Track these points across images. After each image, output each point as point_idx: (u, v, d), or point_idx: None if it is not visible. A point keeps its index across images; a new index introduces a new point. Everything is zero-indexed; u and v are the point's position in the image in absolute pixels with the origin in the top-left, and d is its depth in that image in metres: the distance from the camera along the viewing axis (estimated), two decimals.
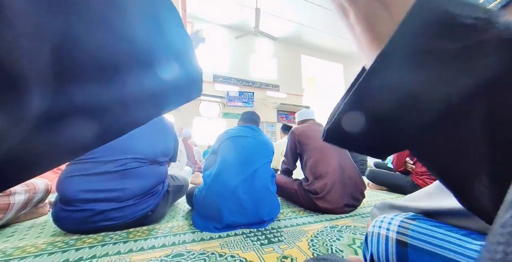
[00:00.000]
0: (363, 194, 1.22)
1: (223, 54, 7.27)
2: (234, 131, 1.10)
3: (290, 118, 7.73)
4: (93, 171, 0.82)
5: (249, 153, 0.99)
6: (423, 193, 0.35)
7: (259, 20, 4.27)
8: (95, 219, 0.80)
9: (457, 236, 0.26)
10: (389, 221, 0.33)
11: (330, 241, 0.76)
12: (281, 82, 7.93)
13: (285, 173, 1.49)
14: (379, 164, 3.29)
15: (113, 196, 0.81)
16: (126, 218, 0.84)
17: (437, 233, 0.28)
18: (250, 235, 0.82)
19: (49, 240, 0.77)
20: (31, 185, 0.93)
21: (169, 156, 1.06)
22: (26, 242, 0.75)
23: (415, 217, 0.32)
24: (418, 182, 1.61)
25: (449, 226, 0.29)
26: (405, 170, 1.75)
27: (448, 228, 0.28)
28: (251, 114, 1.25)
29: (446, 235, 0.27)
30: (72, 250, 0.69)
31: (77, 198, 0.78)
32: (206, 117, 6.91)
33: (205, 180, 0.94)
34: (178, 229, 0.89)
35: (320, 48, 8.79)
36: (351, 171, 1.20)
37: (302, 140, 1.31)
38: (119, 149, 0.87)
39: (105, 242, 0.75)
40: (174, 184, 1.11)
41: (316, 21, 6.96)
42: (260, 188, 0.93)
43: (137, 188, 0.86)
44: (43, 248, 0.70)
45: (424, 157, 0.13)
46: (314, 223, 0.98)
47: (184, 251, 0.68)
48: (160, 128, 1.02)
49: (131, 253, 0.67)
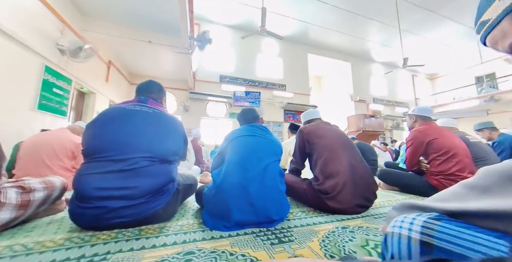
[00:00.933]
0: (375, 195, 1.19)
1: (230, 55, 7.31)
2: (241, 130, 1.10)
3: (297, 118, 7.66)
4: (106, 169, 0.84)
5: (258, 151, 0.99)
6: (449, 193, 0.33)
7: (265, 19, 4.25)
8: (108, 216, 0.82)
9: (490, 238, 0.25)
10: (411, 221, 0.32)
11: (342, 242, 0.75)
12: (287, 81, 7.87)
13: (294, 173, 1.47)
14: (390, 164, 3.20)
15: (125, 193, 0.83)
16: (138, 216, 0.86)
17: (466, 234, 0.26)
18: (260, 234, 0.81)
19: (66, 236, 0.79)
20: (49, 183, 0.97)
21: (179, 154, 1.07)
22: (45, 238, 0.78)
23: (439, 217, 0.30)
24: (433, 183, 1.54)
25: (478, 228, 0.27)
26: (419, 170, 1.69)
27: (478, 229, 0.27)
28: (251, 113, 1.23)
29: (477, 237, 0.25)
30: (88, 245, 0.71)
31: (92, 195, 0.80)
32: (213, 117, 6.98)
33: (214, 179, 0.95)
34: (188, 227, 0.90)
35: (327, 47, 8.65)
36: (362, 171, 1.17)
37: (311, 139, 1.29)
38: (131, 147, 0.89)
39: (118, 238, 0.77)
40: (183, 182, 1.12)
41: (322, 19, 6.85)
42: (270, 186, 0.92)
43: (149, 186, 0.87)
44: (61, 243, 0.73)
45: None
46: (325, 223, 0.96)
47: (195, 249, 0.68)
48: (170, 127, 1.03)
49: (143, 250, 0.68)
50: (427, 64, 8.00)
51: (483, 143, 1.97)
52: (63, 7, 3.36)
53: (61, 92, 3.37)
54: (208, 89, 6.56)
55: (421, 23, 7.07)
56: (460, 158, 1.49)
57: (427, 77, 11.47)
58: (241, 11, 6.51)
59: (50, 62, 3.09)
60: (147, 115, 0.99)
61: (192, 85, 6.34)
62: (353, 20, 6.84)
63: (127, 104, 1.01)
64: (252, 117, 1.21)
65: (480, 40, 0.35)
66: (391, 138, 8.91)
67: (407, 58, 5.92)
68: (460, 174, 1.45)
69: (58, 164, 1.60)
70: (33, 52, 2.78)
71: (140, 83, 1.16)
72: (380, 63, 10.04)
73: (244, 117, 1.22)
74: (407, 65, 5.92)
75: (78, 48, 3.30)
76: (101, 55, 4.46)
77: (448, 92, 9.55)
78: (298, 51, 8.29)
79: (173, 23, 3.72)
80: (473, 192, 0.30)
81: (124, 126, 0.92)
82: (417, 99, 10.71)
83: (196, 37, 3.92)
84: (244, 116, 1.23)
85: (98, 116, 0.95)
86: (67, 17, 3.43)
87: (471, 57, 8.99)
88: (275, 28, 6.77)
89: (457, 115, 8.95)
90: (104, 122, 0.93)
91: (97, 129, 0.92)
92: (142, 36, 4.09)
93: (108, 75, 5.00)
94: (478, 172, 0.32)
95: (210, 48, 5.22)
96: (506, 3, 0.28)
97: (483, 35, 0.33)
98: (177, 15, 3.17)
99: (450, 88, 9.53)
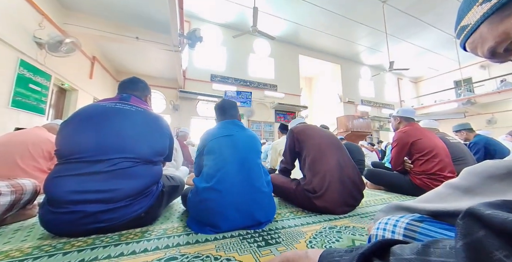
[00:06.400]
0: (362, 194, 1.21)
1: (221, 54, 7.23)
2: (217, 130, 1.01)
3: (287, 118, 7.73)
4: (83, 170, 0.78)
5: (239, 152, 0.94)
6: (433, 194, 0.33)
7: (256, 19, 4.24)
8: (85, 221, 0.76)
9: None
10: (394, 223, 0.31)
11: (329, 242, 0.74)
12: (279, 82, 7.92)
13: (283, 173, 1.47)
14: (376, 164, 3.30)
15: (104, 197, 0.78)
16: (118, 220, 0.81)
17: (448, 236, 0.26)
18: (247, 237, 0.79)
19: (35, 244, 0.73)
20: (18, 186, 0.89)
21: (163, 155, 1.03)
22: (11, 246, 0.71)
23: (421, 219, 0.30)
24: (416, 182, 1.60)
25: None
26: (403, 170, 1.74)
27: None
28: (233, 109, 1.11)
29: None
30: (60, 254, 0.66)
31: (66, 199, 0.74)
32: (204, 117, 6.86)
33: (196, 185, 0.90)
34: (173, 231, 0.86)
35: (318, 48, 8.81)
36: (350, 170, 1.18)
37: (301, 138, 1.30)
38: (111, 147, 0.83)
39: (95, 245, 0.72)
40: (169, 184, 1.07)
41: (313, 21, 6.97)
42: (256, 190, 0.90)
43: (130, 188, 0.83)
44: (28, 252, 0.67)
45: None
46: (313, 223, 0.96)
47: (178, 255, 0.65)
48: (155, 126, 0.99)
49: (121, 257, 0.64)
50: (411, 68, 8.38)
51: (461, 143, 2.08)
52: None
53: (39, 89, 3.16)
54: (198, 88, 6.45)
55: (406, 29, 7.40)
56: (440, 157, 1.56)
57: (411, 80, 12.03)
58: (232, 10, 6.46)
59: (26, 56, 2.89)
60: (129, 113, 0.93)
61: (182, 84, 6.20)
62: (343, 23, 7.02)
63: (107, 102, 0.95)
64: (233, 115, 1.11)
65: (460, 45, 0.35)
66: (377, 138, 9.23)
67: (393, 62, 6.17)
68: (441, 173, 1.51)
69: (33, 165, 1.49)
70: (6, 44, 2.58)
71: (123, 80, 1.10)
72: (368, 66, 10.38)
73: (224, 112, 1.10)
74: (393, 69, 6.16)
75: (58, 42, 3.11)
76: (85, 51, 4.25)
77: (430, 95, 10.06)
78: (290, 52, 8.37)
79: (162, 19, 3.61)
80: (456, 192, 0.30)
81: (104, 125, 0.86)
82: (402, 101, 11.19)
83: (186, 35, 3.83)
84: (224, 111, 1.10)
85: (74, 114, 0.89)
86: (47, 9, 3.22)
87: (450, 62, 9.54)
88: (267, 28, 6.79)
89: (437, 117, 9.47)
90: (81, 121, 0.87)
91: (72, 129, 0.85)
92: (129, 32, 3.93)
93: (92, 72, 4.77)
94: (461, 173, 0.32)
95: (200, 47, 5.13)
96: (484, 9, 0.28)
97: (462, 40, 0.33)
98: (166, 11, 3.07)
99: (432, 91, 10.04)
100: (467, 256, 0.17)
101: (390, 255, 0.24)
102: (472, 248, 0.17)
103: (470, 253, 0.17)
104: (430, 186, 1.49)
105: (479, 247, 0.17)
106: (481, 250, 0.17)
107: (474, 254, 0.17)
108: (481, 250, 0.17)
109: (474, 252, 0.17)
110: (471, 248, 0.17)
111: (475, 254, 0.17)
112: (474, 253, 0.17)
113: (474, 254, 0.17)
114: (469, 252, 0.17)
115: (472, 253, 0.17)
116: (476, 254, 0.17)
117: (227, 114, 1.10)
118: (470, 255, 0.17)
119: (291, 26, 7.29)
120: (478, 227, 0.18)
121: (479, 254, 0.17)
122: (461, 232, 0.19)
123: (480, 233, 0.17)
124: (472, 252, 0.17)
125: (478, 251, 0.17)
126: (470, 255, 0.17)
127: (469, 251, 0.17)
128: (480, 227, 0.18)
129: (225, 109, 1.11)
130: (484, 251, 0.16)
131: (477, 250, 0.17)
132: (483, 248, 0.17)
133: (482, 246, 0.17)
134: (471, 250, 0.17)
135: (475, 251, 0.17)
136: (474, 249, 0.17)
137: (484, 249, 0.16)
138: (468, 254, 0.17)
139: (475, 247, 0.17)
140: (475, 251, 0.17)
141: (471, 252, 0.17)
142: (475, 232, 0.18)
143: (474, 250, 0.17)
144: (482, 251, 0.16)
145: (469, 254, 0.17)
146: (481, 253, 0.16)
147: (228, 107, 1.12)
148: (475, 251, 0.17)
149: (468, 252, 0.17)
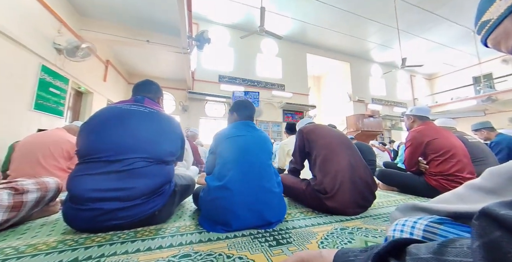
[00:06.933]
0: (374, 195, 1.18)
1: (229, 55, 7.30)
2: (229, 130, 1.03)
3: (296, 118, 7.66)
4: (101, 170, 0.82)
5: (250, 152, 0.95)
6: (452, 195, 0.32)
7: (264, 19, 4.24)
8: (103, 218, 0.80)
9: None
10: (412, 224, 0.31)
11: (341, 243, 0.74)
12: (286, 81, 7.87)
13: (293, 173, 1.46)
14: (389, 164, 3.20)
15: (121, 195, 0.81)
16: (134, 217, 0.84)
17: None
18: (258, 236, 0.80)
19: (59, 238, 0.78)
20: (43, 184, 0.95)
21: (176, 155, 1.06)
22: (38, 240, 0.76)
23: (441, 220, 0.29)
24: (432, 183, 1.54)
25: None
26: (418, 170, 1.68)
27: None
28: (251, 110, 1.14)
29: None
30: (82, 248, 0.69)
31: (86, 196, 0.79)
32: (212, 117, 6.96)
33: (208, 184, 0.92)
34: (185, 229, 0.89)
35: (326, 47, 8.66)
36: (362, 170, 1.16)
37: (311, 138, 1.29)
38: (126, 148, 0.87)
39: (113, 241, 0.75)
40: (181, 183, 1.10)
41: (321, 19, 6.86)
42: (267, 190, 0.90)
43: (145, 187, 0.86)
44: (54, 246, 0.71)
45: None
46: (324, 224, 0.95)
47: (191, 252, 0.67)
48: (167, 127, 1.02)
49: (138, 253, 0.67)
50: (425, 65, 8.04)
51: (481, 143, 1.97)
52: (61, 7, 3.33)
53: (58, 92, 3.34)
54: (206, 89, 6.54)
55: (419, 24, 7.10)
56: (459, 158, 1.49)
57: (425, 78, 11.53)
58: (239, 10, 6.50)
59: (47, 61, 3.06)
60: (143, 115, 0.97)
61: (191, 85, 6.32)
62: (351, 20, 6.85)
63: (123, 104, 0.99)
64: (250, 116, 1.14)
65: (481, 41, 0.34)
66: (389, 137, 8.93)
67: (406, 58, 5.94)
68: (459, 174, 1.44)
69: (54, 164, 1.58)
70: (29, 51, 2.75)
71: (137, 83, 1.14)
72: (379, 63, 10.07)
73: (243, 113, 1.12)
74: (405, 66, 5.94)
75: (75, 47, 3.28)
76: (99, 55, 4.43)
77: (446, 92, 9.60)
78: (297, 51, 8.29)
79: (172, 22, 3.70)
80: (478, 194, 0.29)
81: (120, 126, 0.90)
82: (415, 100, 10.76)
83: (194, 37, 3.91)
84: (243, 112, 1.12)
85: (92, 116, 0.94)
86: (65, 17, 3.40)
87: (468, 57, 9.05)
88: (274, 28, 6.77)
89: (454, 115, 9.01)
90: (99, 123, 0.91)
91: (91, 130, 0.90)
92: (140, 35, 4.07)
93: (106, 75, 4.97)
94: (483, 173, 0.31)
95: (208, 48, 5.20)
96: (508, 2, 0.27)
97: (484, 36, 0.32)
98: (175, 15, 3.15)
99: (448, 88, 9.58)
100: (484, 256, 0.18)
101: (406, 254, 0.24)
102: (489, 248, 0.18)
103: (487, 253, 0.18)
104: (448, 188, 1.42)
105: (496, 247, 0.17)
106: (498, 250, 0.17)
107: (491, 254, 0.17)
108: (498, 250, 0.17)
109: (491, 252, 0.17)
110: (488, 248, 0.18)
111: (492, 254, 0.17)
112: (491, 253, 0.17)
113: (491, 254, 0.17)
114: (486, 252, 0.18)
115: (489, 253, 0.17)
116: (493, 254, 0.17)
117: (246, 115, 1.12)
118: (487, 255, 0.17)
119: (298, 25, 7.23)
120: (494, 228, 0.18)
121: (496, 254, 0.17)
122: (477, 232, 0.19)
123: (496, 233, 0.18)
124: (489, 252, 0.18)
125: (495, 251, 0.17)
126: (487, 255, 0.17)
127: (486, 251, 0.18)
128: (496, 228, 0.18)
129: (245, 108, 1.13)
130: (501, 251, 0.17)
131: (494, 250, 0.17)
132: (500, 248, 0.17)
133: (499, 246, 0.17)
134: (488, 250, 0.18)
135: (492, 251, 0.17)
136: (491, 249, 0.18)
137: (501, 249, 0.17)
138: (485, 254, 0.18)
139: (492, 247, 0.18)
140: (492, 251, 0.17)
141: (488, 252, 0.18)
142: (491, 233, 0.18)
143: (491, 250, 0.18)
144: (499, 251, 0.17)
145: (486, 254, 0.18)
146: (498, 253, 0.17)
147: (248, 108, 1.14)
148: (492, 251, 0.17)
149: (485, 252, 0.18)
